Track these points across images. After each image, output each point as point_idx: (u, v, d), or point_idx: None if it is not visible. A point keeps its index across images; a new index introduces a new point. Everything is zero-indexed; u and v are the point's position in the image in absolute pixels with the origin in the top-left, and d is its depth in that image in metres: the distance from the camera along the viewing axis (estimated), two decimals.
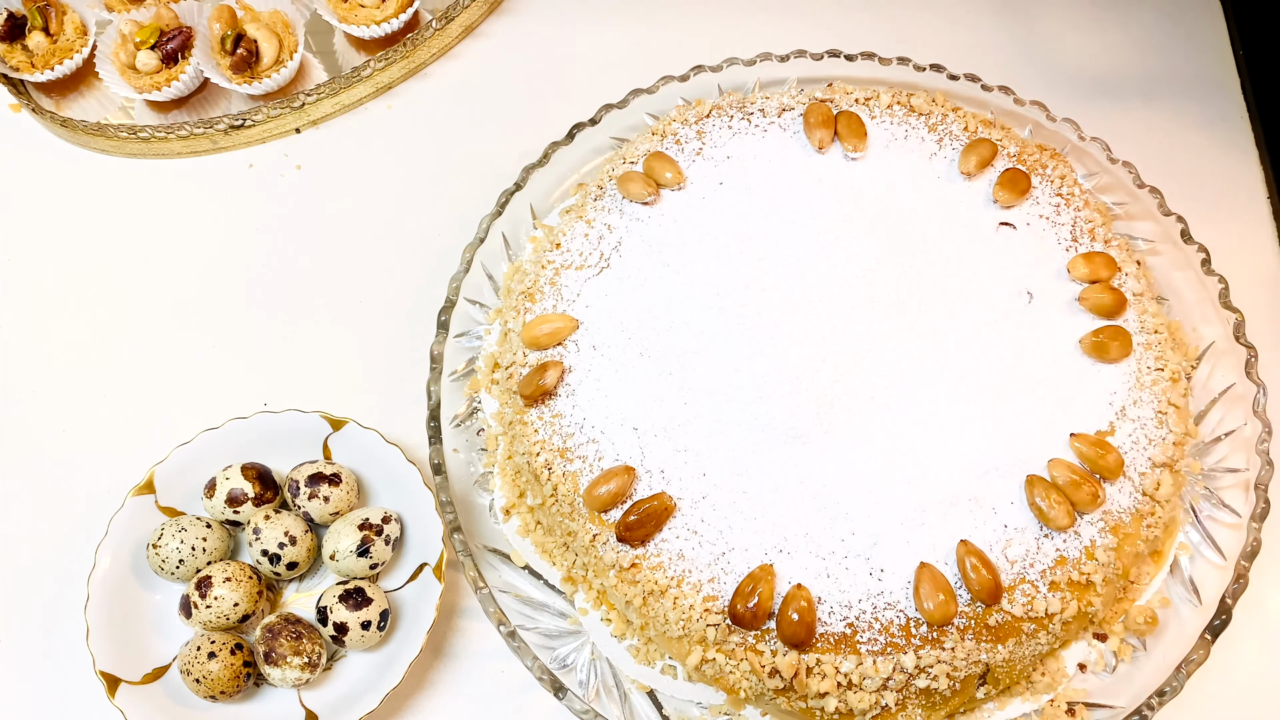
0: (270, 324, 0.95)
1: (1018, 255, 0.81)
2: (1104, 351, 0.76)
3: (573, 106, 0.96)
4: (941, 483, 0.72)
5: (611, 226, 0.84)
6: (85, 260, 0.99)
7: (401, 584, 0.79)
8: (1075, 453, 0.73)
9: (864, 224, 0.82)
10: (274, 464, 0.81)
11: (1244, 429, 0.78)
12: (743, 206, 0.84)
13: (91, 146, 1.05)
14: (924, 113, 0.88)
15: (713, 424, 0.75)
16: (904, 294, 0.79)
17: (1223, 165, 0.98)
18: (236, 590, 0.75)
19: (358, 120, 1.06)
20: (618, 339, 0.79)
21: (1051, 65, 1.05)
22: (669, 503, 0.72)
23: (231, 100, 1.07)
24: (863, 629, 0.68)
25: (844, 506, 0.71)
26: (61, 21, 1.07)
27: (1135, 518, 0.71)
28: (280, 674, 0.73)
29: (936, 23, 1.08)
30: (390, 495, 0.81)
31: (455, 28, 1.09)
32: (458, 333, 0.85)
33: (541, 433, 0.76)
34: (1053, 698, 0.72)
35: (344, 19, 1.05)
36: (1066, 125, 0.90)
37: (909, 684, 0.67)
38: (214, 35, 1.05)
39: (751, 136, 0.88)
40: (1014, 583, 0.69)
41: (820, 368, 0.76)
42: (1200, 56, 1.05)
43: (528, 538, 0.79)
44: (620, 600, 0.72)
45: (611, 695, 0.73)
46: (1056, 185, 0.84)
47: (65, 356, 0.94)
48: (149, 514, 0.80)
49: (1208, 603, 0.73)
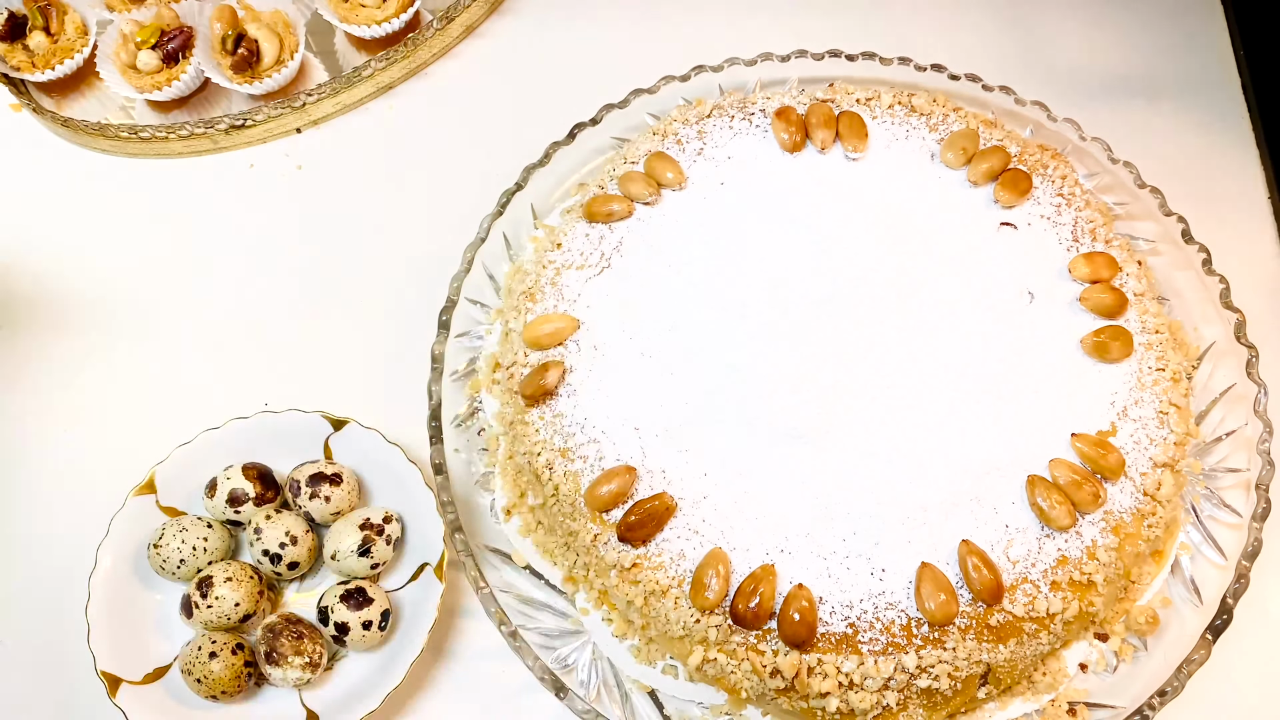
0: (271, 324, 0.95)
1: (1019, 255, 0.81)
2: (1105, 351, 0.76)
3: (574, 106, 0.96)
4: (943, 482, 0.72)
5: (613, 226, 0.84)
6: (85, 260, 0.99)
7: (403, 584, 0.79)
8: (1076, 453, 0.73)
9: (865, 224, 0.82)
10: (275, 464, 0.81)
11: (1245, 429, 0.78)
12: (744, 206, 0.84)
13: (92, 146, 1.05)
14: (925, 113, 0.88)
15: (714, 424, 0.75)
16: (905, 294, 0.79)
17: (1224, 165, 0.98)
18: (238, 590, 0.75)
19: (359, 120, 1.06)
20: (619, 339, 0.79)
21: (1052, 66, 1.05)
22: (670, 503, 0.72)
23: (232, 100, 1.07)
24: (864, 629, 0.68)
25: (845, 506, 0.71)
26: (62, 21, 1.07)
27: (1136, 518, 0.71)
28: (281, 674, 0.73)
29: (938, 23, 1.08)
30: (391, 495, 0.81)
31: (456, 28, 1.09)
32: (459, 333, 0.85)
33: (543, 433, 0.76)
34: (1054, 698, 0.72)
35: (345, 19, 1.05)
36: (1067, 125, 0.90)
37: (910, 684, 0.67)
38: (215, 35, 1.05)
39: (753, 137, 0.88)
40: (1015, 582, 0.69)
41: (822, 368, 0.76)
42: (1201, 56, 1.05)
43: (529, 538, 0.79)
44: (621, 600, 0.72)
45: (613, 695, 0.73)
46: (1057, 185, 0.84)
47: (65, 356, 0.94)
48: (150, 514, 0.80)
49: (1209, 603, 0.73)
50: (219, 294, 0.97)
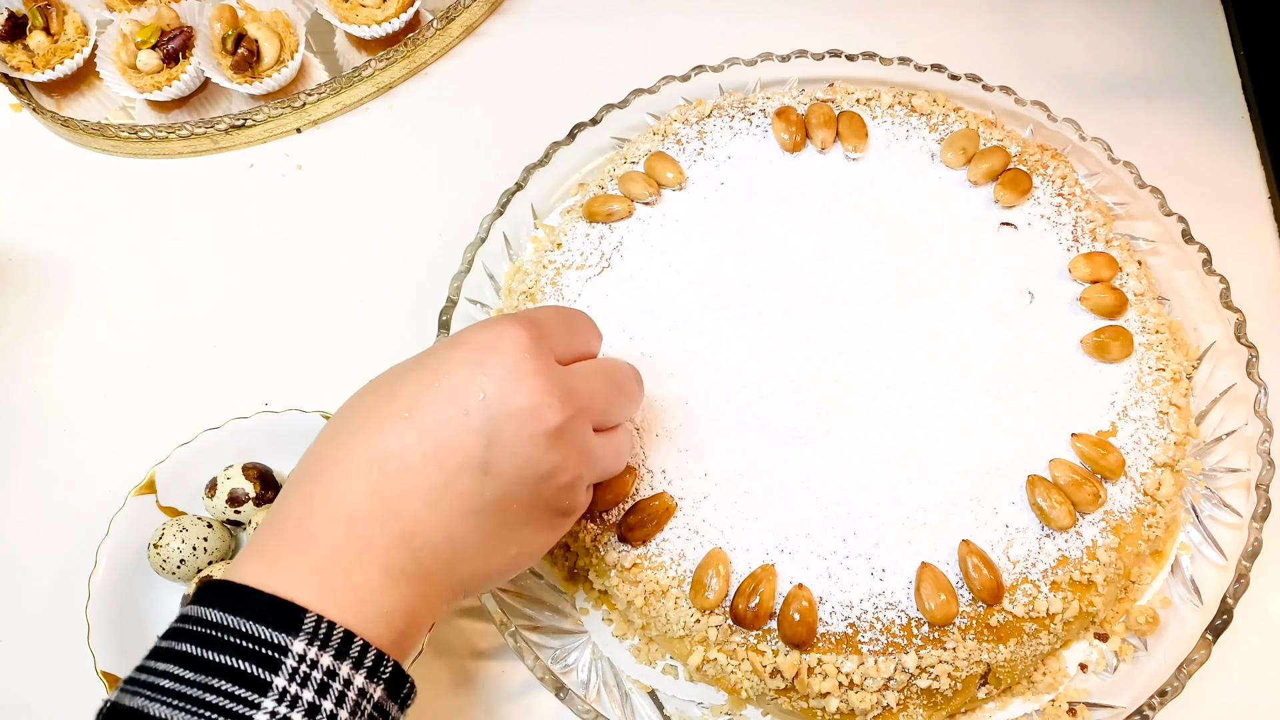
0: (271, 323, 0.95)
1: (1019, 255, 0.81)
2: (1105, 351, 0.76)
3: (574, 106, 0.96)
4: (943, 482, 0.72)
5: (613, 226, 0.84)
6: (85, 260, 0.99)
7: None
8: (1076, 453, 0.73)
9: (865, 224, 0.82)
10: (275, 464, 0.81)
11: (1245, 429, 0.78)
12: (744, 206, 0.84)
13: (92, 146, 1.05)
14: (925, 113, 0.88)
15: (714, 424, 0.75)
16: (905, 294, 0.79)
17: (1224, 165, 0.98)
18: None
19: (359, 120, 1.06)
20: (619, 339, 0.79)
21: (1052, 65, 1.05)
22: (670, 503, 0.72)
23: (232, 100, 1.07)
24: (864, 629, 0.68)
25: (845, 506, 0.71)
26: (62, 21, 1.07)
27: (1136, 518, 0.71)
28: None
29: (938, 23, 1.08)
30: None
31: (456, 27, 1.09)
32: None
33: None
34: (1054, 697, 0.72)
35: (345, 19, 1.05)
36: (1067, 125, 0.90)
37: (910, 684, 0.67)
38: (215, 35, 1.05)
39: (753, 137, 0.88)
40: (1015, 583, 0.69)
41: (822, 368, 0.76)
42: (1201, 56, 1.05)
43: None
44: (621, 600, 0.72)
45: (613, 695, 0.73)
46: (1057, 185, 0.84)
47: (65, 356, 0.94)
48: (150, 514, 0.79)
49: (1209, 603, 0.73)
50: (219, 293, 0.97)
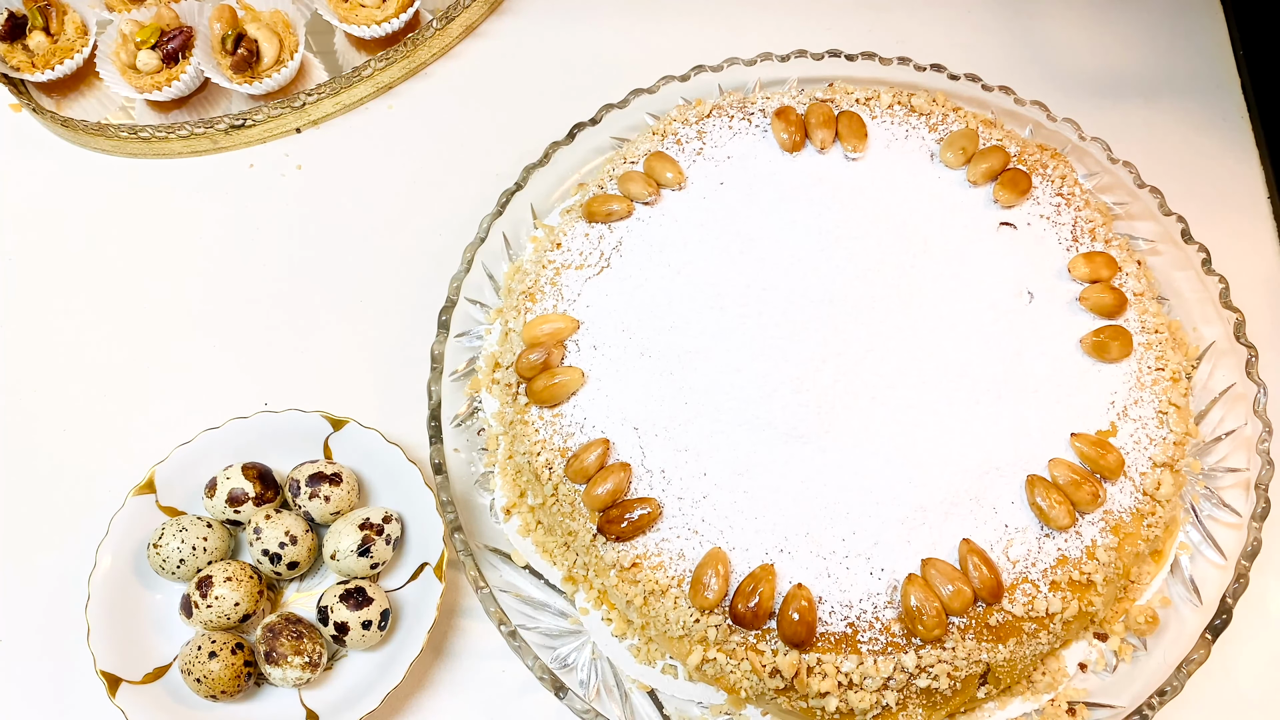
0: (271, 323, 0.95)
1: (1018, 255, 0.81)
2: (1105, 351, 0.76)
3: (573, 106, 0.96)
4: (942, 482, 0.72)
5: (612, 226, 0.84)
6: (85, 260, 0.99)
7: (402, 584, 0.79)
8: (1076, 452, 0.73)
9: (865, 224, 0.82)
10: (275, 464, 0.81)
11: (1244, 429, 0.78)
12: (743, 206, 0.84)
13: (92, 146, 1.05)
14: (924, 113, 0.88)
15: (713, 424, 0.75)
16: (905, 294, 0.79)
17: (1223, 165, 0.98)
18: (237, 590, 0.75)
19: (358, 120, 1.06)
20: (618, 339, 0.79)
21: (1052, 65, 1.05)
22: (656, 508, 0.71)
23: (232, 100, 1.07)
24: (863, 628, 0.68)
25: (845, 506, 0.71)
26: (62, 21, 1.07)
27: (1136, 517, 0.71)
28: (281, 673, 0.73)
29: (937, 23, 1.08)
30: (391, 495, 0.81)
31: (456, 27, 1.09)
32: (458, 332, 0.85)
33: (542, 432, 0.76)
34: (1053, 697, 0.72)
35: (344, 19, 1.05)
36: (1067, 125, 0.90)
37: (910, 683, 0.67)
38: (214, 35, 1.05)
39: (752, 136, 0.88)
40: (1015, 582, 0.69)
41: (821, 367, 0.76)
42: (1200, 56, 1.05)
43: (528, 537, 0.79)
44: (621, 600, 0.72)
45: (612, 695, 0.73)
46: (1057, 185, 0.84)
47: (65, 356, 0.94)
48: (150, 513, 0.80)
49: (1208, 602, 0.73)
50: (219, 293, 0.97)
